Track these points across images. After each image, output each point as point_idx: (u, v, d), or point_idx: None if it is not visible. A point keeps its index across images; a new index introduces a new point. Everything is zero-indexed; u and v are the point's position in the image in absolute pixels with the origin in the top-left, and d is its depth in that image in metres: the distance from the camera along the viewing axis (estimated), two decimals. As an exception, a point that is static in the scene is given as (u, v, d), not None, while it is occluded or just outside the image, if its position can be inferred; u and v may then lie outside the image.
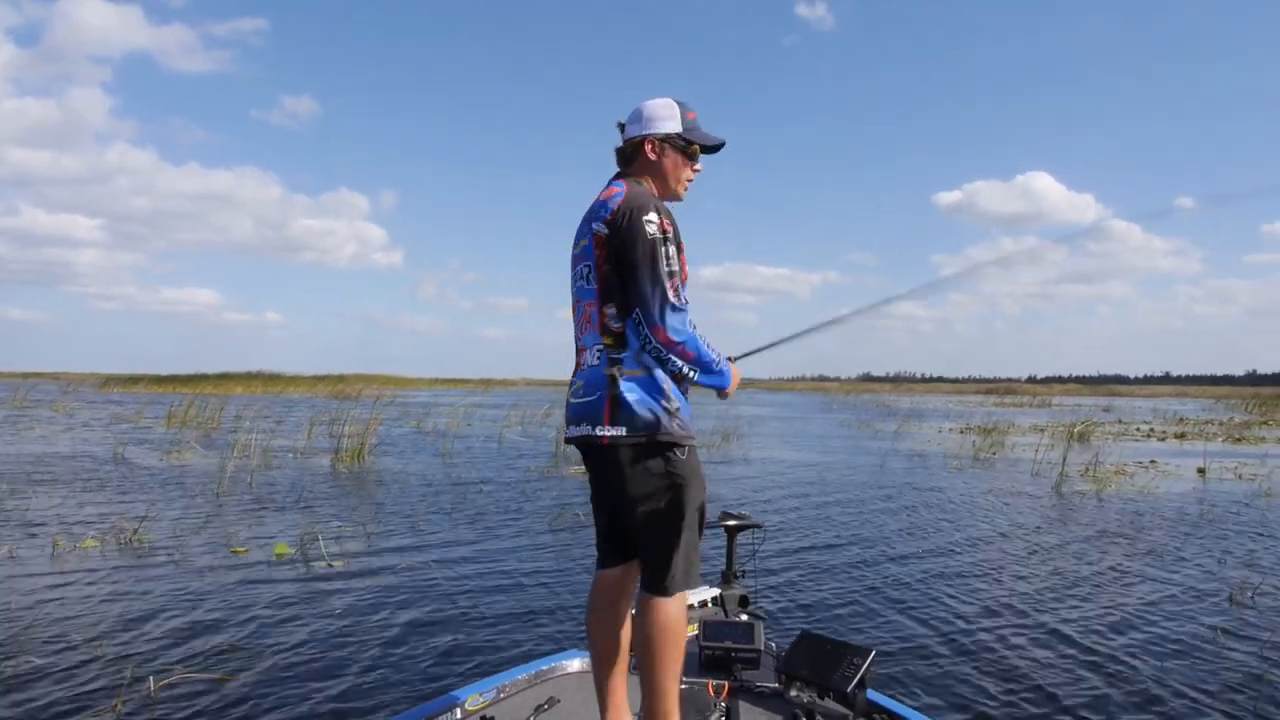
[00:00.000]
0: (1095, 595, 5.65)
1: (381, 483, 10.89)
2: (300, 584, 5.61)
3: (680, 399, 2.29)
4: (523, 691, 2.83)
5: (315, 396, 40.04)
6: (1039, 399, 53.54)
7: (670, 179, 2.44)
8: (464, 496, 9.67)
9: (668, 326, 2.22)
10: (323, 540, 6.79)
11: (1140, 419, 30.59)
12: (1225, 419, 30.27)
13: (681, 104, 2.43)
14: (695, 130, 2.44)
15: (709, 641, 2.96)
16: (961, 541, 7.49)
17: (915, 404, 47.13)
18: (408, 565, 6.16)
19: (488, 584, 5.69)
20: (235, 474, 10.82)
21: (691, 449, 2.31)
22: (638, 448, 2.24)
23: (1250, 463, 14.67)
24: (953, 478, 12.48)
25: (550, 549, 6.86)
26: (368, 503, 9.18)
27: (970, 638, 4.68)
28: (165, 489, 9.86)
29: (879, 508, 9.44)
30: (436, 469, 12.51)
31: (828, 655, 2.78)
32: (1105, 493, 10.76)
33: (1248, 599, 5.54)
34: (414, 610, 5.02)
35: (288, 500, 9.15)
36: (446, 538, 7.24)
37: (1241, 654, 4.47)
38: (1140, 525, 8.35)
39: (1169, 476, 12.71)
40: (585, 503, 9.17)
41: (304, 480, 10.86)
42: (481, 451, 15.49)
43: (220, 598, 5.22)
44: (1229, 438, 21.18)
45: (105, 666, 4.00)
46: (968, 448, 17.35)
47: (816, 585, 5.79)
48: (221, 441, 14.84)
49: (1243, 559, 6.76)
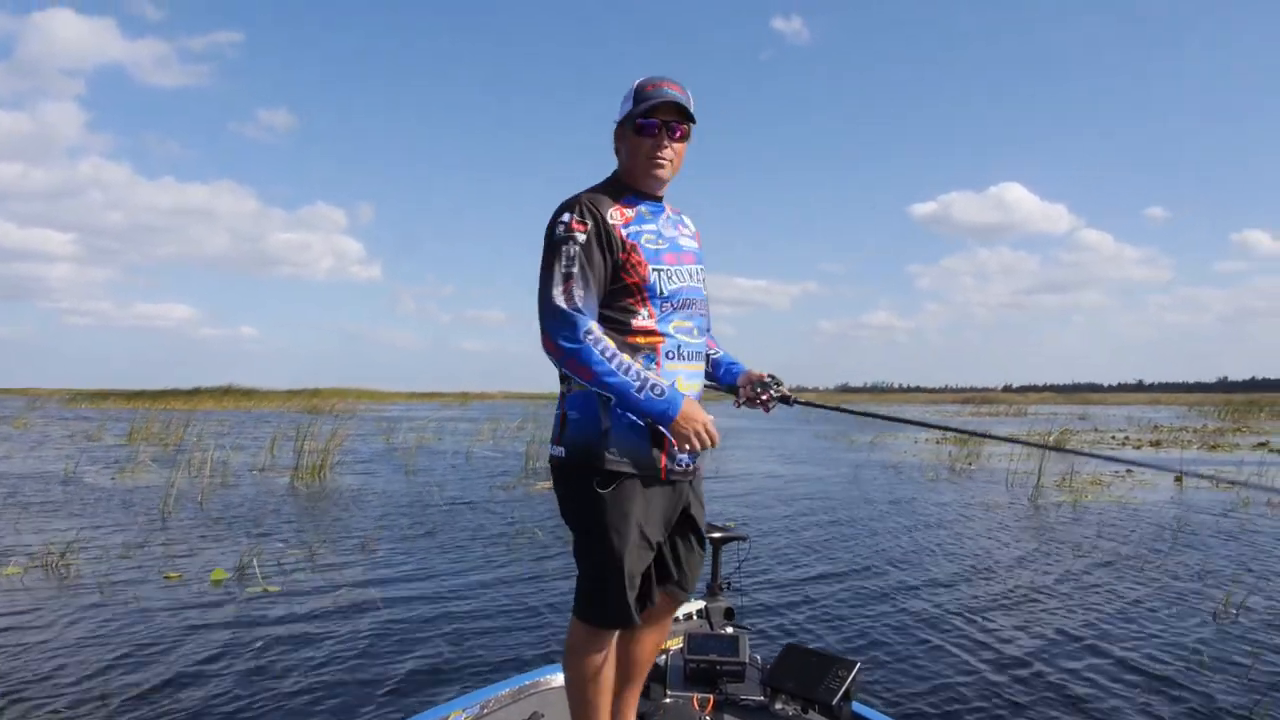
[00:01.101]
0: (1075, 611, 5.39)
1: (339, 501, 10.49)
2: (231, 613, 5.23)
3: (620, 420, 2.01)
4: (506, 707, 2.79)
5: (287, 411, 39.40)
6: (1015, 408, 53.76)
7: (634, 165, 2.13)
8: (421, 515, 9.30)
9: (548, 332, 1.98)
10: (259, 564, 6.41)
11: (1115, 427, 30.61)
12: (1199, 426, 30.39)
13: (647, 79, 2.11)
14: (644, 103, 2.07)
15: (694, 655, 2.90)
16: (937, 555, 7.23)
17: (893, 414, 47.08)
18: (349, 590, 5.79)
19: (430, 611, 5.33)
20: (186, 493, 10.39)
21: (624, 480, 2.02)
22: (569, 469, 2.06)
23: (1227, 470, 14.56)
24: (927, 490, 12.25)
25: (502, 571, 6.52)
26: (320, 522, 8.79)
27: (952, 651, 4.43)
28: (110, 509, 9.41)
29: (853, 521, 9.17)
30: (398, 486, 12.12)
31: (813, 667, 2.76)
32: (1082, 504, 10.56)
33: (1231, 616, 5.30)
34: (345, 642, 4.67)
35: (236, 521, 8.74)
36: (395, 560, 6.88)
37: (1228, 678, 4.22)
38: (1118, 537, 8.13)
39: (1146, 486, 12.55)
40: (544, 520, 8.86)
41: (258, 499, 10.44)
42: (447, 467, 15.10)
43: (143, 630, 4.83)
44: (1204, 445, 21.15)
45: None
46: (943, 458, 17.17)
47: (796, 597, 5.51)
48: (180, 459, 14.35)
49: (1224, 573, 6.54)
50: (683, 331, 2.12)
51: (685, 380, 2.10)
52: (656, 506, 2.08)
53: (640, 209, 2.12)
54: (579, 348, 1.94)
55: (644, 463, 2.04)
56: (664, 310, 2.08)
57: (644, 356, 2.05)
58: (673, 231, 2.17)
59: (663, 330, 2.08)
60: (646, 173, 2.12)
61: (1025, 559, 7.13)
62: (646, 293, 2.06)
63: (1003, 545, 7.79)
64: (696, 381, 2.18)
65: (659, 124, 2.08)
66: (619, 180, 2.17)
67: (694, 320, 2.15)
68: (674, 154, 2.12)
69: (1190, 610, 5.46)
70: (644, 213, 2.12)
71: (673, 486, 2.13)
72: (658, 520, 2.10)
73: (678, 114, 2.10)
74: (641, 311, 2.06)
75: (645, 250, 2.07)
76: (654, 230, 2.12)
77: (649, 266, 2.06)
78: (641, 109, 2.07)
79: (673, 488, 2.13)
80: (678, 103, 2.08)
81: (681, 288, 2.11)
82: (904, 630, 5.01)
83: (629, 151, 2.13)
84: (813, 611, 5.41)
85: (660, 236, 2.12)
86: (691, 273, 2.16)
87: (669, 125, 2.09)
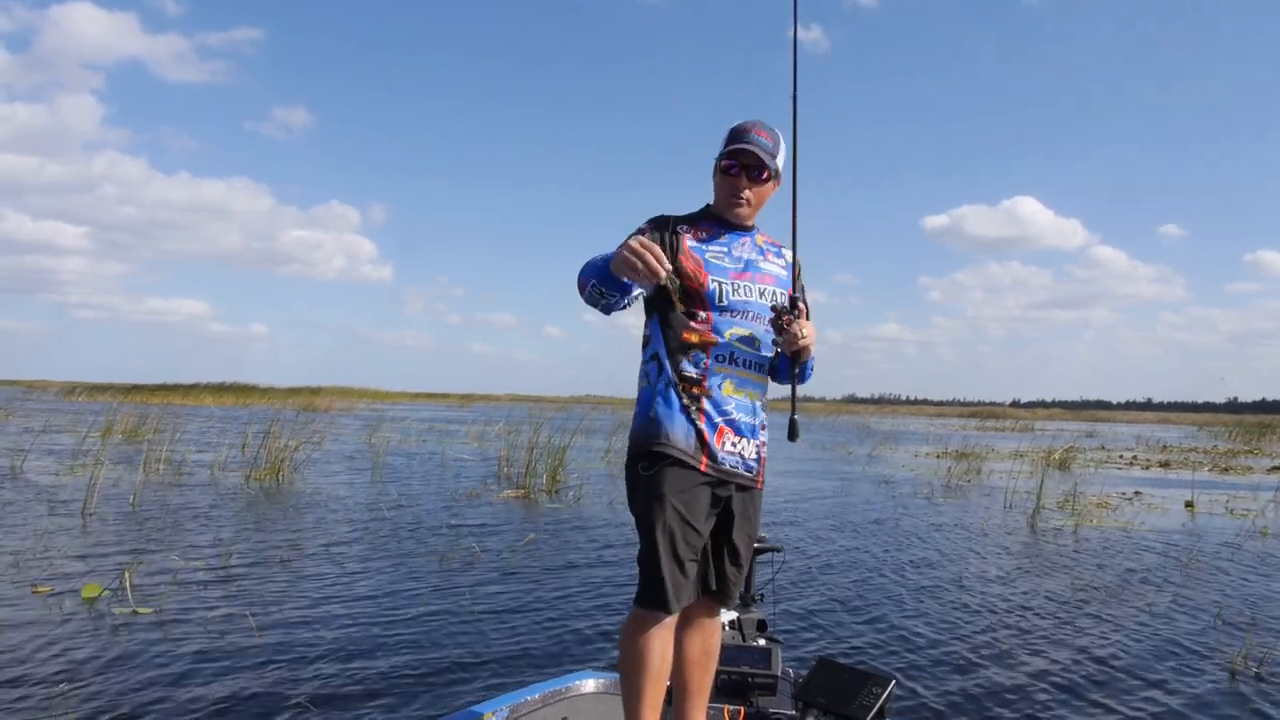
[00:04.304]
0: (1074, 664, 4.62)
1: (284, 504, 9.78)
2: (81, 639, 4.49)
3: (666, 408, 2.26)
4: (535, 711, 2.83)
5: (284, 408, 38.77)
6: (1021, 423, 52.73)
7: (719, 198, 2.42)
8: (365, 523, 8.57)
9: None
10: (149, 579, 5.71)
11: (1124, 446, 29.77)
12: (1209, 447, 29.47)
13: (744, 123, 2.37)
14: (729, 147, 2.34)
15: (725, 666, 2.82)
16: (959, 574, 6.46)
17: (896, 426, 46.30)
18: (229, 619, 5.01)
19: (314, 644, 4.61)
20: (122, 491, 9.70)
21: (666, 463, 2.22)
22: (628, 459, 2.32)
23: (1241, 495, 13.74)
24: (918, 508, 11.45)
25: (420, 594, 5.78)
26: (250, 528, 8.06)
27: (987, 672, 3.67)
28: (31, 507, 8.72)
29: (866, 533, 8.39)
30: (355, 489, 11.41)
31: (846, 683, 2.73)
32: (1085, 528, 9.77)
33: (1251, 671, 4.52)
34: (212, 682, 3.94)
35: (162, 523, 8.03)
36: (305, 580, 6.13)
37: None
38: (1122, 570, 7.34)
39: (1154, 510, 11.74)
40: (492, 533, 8.13)
41: (197, 499, 9.74)
42: (417, 470, 14.38)
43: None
44: (1215, 467, 20.30)
45: None
46: (941, 474, 16.38)
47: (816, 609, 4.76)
48: (140, 455, 13.69)
49: (1242, 616, 5.75)
50: (740, 340, 2.30)
51: (734, 385, 2.30)
52: (696, 497, 2.23)
53: (717, 231, 2.38)
54: (585, 266, 2.24)
55: (684, 451, 2.23)
56: (722, 317, 2.28)
57: (695, 353, 2.27)
58: (751, 255, 2.39)
59: (718, 334, 2.28)
60: (729, 208, 2.39)
61: (1010, 597, 6.35)
62: (706, 299, 2.28)
63: (987, 579, 7.02)
64: (749, 388, 2.34)
65: (739, 167, 2.34)
66: (707, 209, 2.45)
67: (755, 333, 2.32)
68: (753, 195, 2.37)
69: (1201, 663, 4.68)
70: (719, 235, 2.38)
71: (716, 486, 2.27)
72: (699, 511, 2.23)
73: (759, 161, 2.33)
74: (701, 314, 2.28)
75: (710, 264, 2.30)
76: (723, 249, 2.36)
77: (710, 277, 2.29)
78: (725, 152, 2.34)
79: (716, 487, 2.27)
80: (755, 153, 2.31)
81: (745, 300, 2.31)
82: (932, 649, 4.82)
83: (717, 186, 2.41)
84: (836, 627, 5.29)
85: (730, 255, 2.36)
86: (764, 291, 2.36)
87: (749, 169, 2.34)
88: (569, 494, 11.40)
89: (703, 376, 2.25)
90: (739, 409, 2.29)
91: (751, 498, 2.37)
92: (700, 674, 2.44)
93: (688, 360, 2.25)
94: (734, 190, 2.35)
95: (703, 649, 2.44)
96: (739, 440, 2.29)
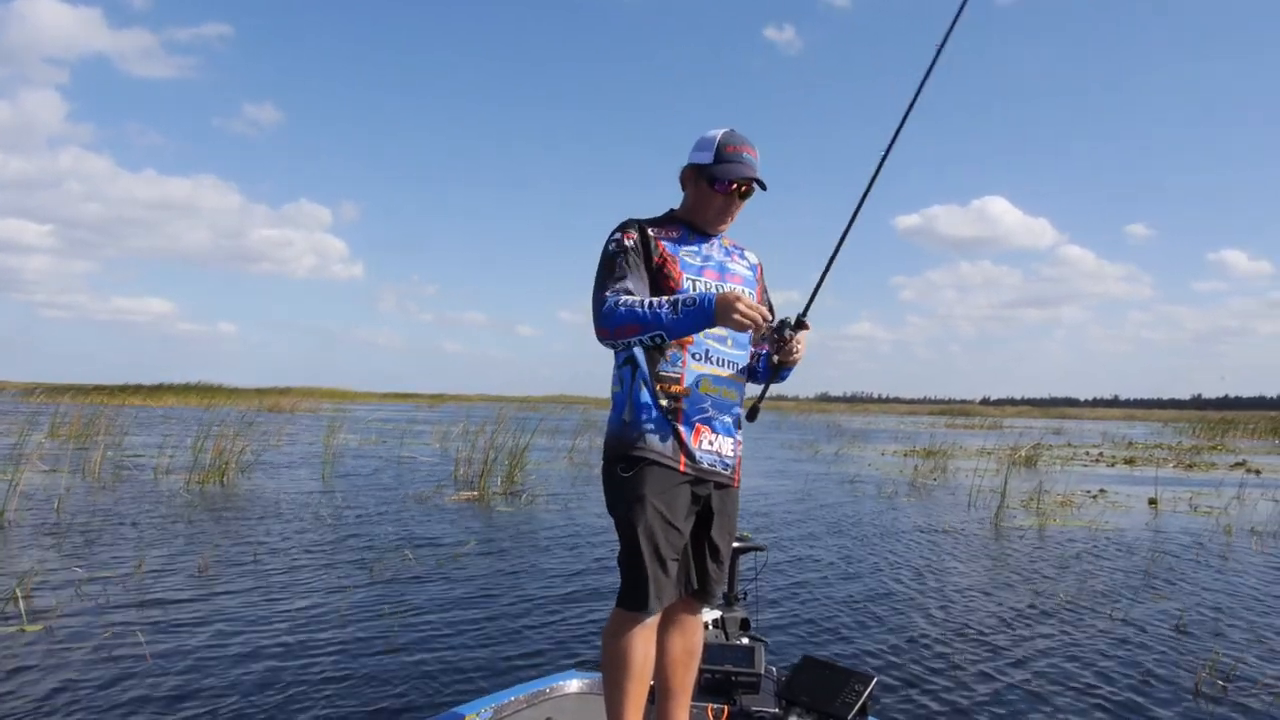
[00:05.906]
0: (1037, 663, 4.34)
1: (223, 507, 9.34)
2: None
3: (642, 410, 2.25)
4: (520, 712, 2.81)
5: (249, 409, 38.00)
6: (990, 421, 52.94)
7: (694, 209, 2.41)
8: (301, 529, 8.16)
9: (596, 319, 2.20)
10: (45, 592, 5.28)
11: (1090, 442, 29.90)
12: (1174, 443, 29.65)
13: (729, 137, 2.35)
14: (723, 165, 2.32)
15: (709, 664, 2.83)
16: (935, 572, 6.18)
17: (867, 424, 46.29)
18: (145, 628, 4.64)
19: (221, 660, 4.22)
20: (47, 498, 9.22)
21: (644, 466, 2.22)
22: (605, 461, 2.31)
23: (1204, 492, 13.66)
24: (881, 508, 11.21)
25: (339, 608, 5.41)
26: (178, 534, 7.63)
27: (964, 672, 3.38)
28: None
29: (841, 532, 8.10)
30: (301, 492, 10.96)
31: (829, 681, 2.73)
32: (1049, 528, 9.58)
33: (1218, 688, 4.26)
34: (90, 708, 3.56)
35: (80, 531, 7.58)
36: (230, 590, 5.74)
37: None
38: (1084, 574, 7.11)
39: (1118, 508, 11.59)
40: (431, 539, 7.77)
41: (129, 505, 9.26)
42: (370, 472, 13.94)
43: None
44: (1180, 463, 20.32)
45: None
46: (908, 472, 16.21)
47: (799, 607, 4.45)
48: (80, 457, 13.15)
49: (1207, 625, 5.51)
50: (714, 339, 2.30)
51: (710, 383, 2.30)
52: (676, 497, 2.23)
53: (685, 233, 2.38)
54: (611, 309, 2.16)
55: (662, 454, 2.23)
56: None
57: (671, 352, 2.26)
58: (721, 257, 2.42)
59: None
60: (710, 222, 2.39)
61: (983, 584, 6.10)
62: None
63: (953, 580, 6.76)
64: (724, 386, 2.33)
65: (734, 189, 2.34)
66: (674, 214, 2.44)
67: (730, 333, 2.30)
68: (738, 209, 2.41)
69: (1167, 679, 4.41)
70: (689, 237, 2.38)
71: (695, 485, 2.28)
72: (679, 510, 2.24)
73: (752, 186, 2.37)
74: None
75: (684, 263, 2.32)
76: (696, 249, 2.37)
77: (685, 276, 2.30)
78: (719, 171, 2.32)
79: (695, 486, 2.28)
80: (754, 177, 2.35)
81: None
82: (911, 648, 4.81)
83: (697, 197, 2.39)
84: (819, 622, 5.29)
85: (701, 255, 2.37)
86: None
87: (740, 190, 2.36)
88: (523, 496, 11.04)
89: (680, 375, 2.26)
90: (715, 407, 2.30)
91: (730, 495, 2.40)
92: (683, 673, 2.45)
93: (664, 359, 2.26)
94: (727, 209, 2.38)
95: (685, 648, 2.44)
96: (716, 438, 2.30)
